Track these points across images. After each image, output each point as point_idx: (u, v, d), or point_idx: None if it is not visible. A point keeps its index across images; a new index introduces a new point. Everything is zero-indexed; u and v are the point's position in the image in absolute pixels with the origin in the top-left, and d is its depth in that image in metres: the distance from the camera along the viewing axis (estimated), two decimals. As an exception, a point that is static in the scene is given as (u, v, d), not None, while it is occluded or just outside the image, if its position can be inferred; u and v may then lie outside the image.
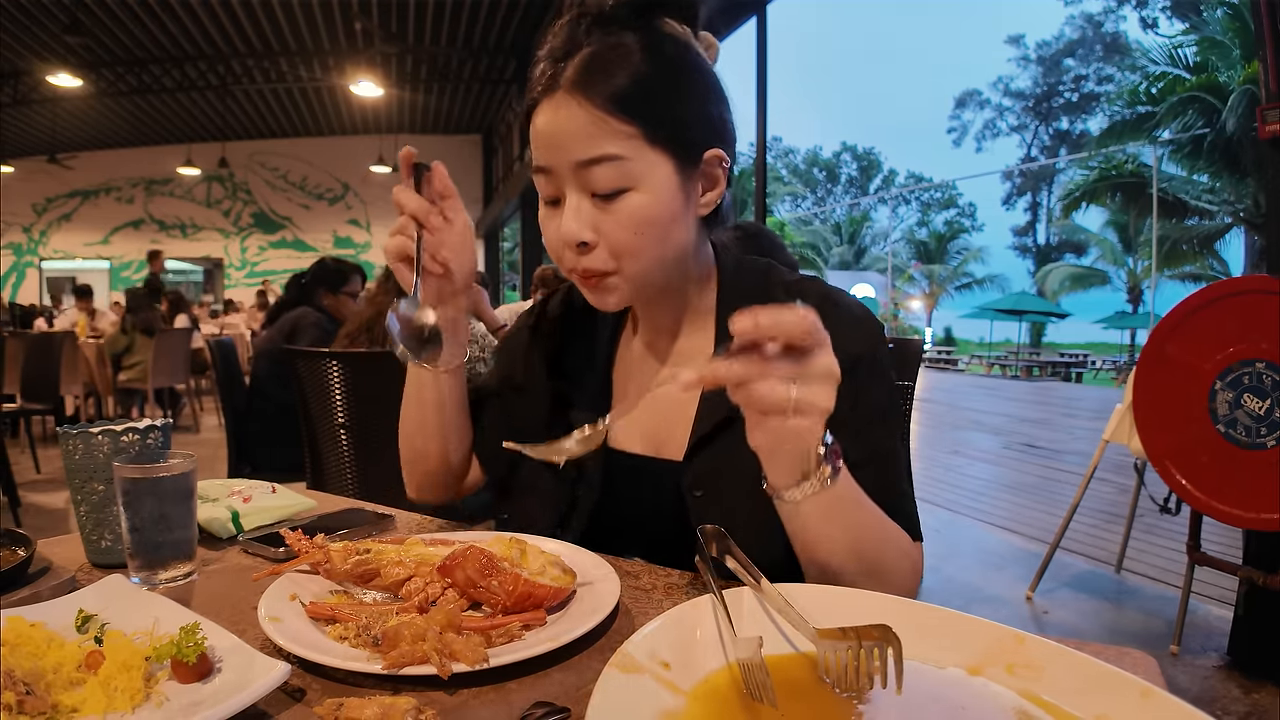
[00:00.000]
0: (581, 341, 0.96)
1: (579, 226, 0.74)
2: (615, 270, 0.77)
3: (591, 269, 0.76)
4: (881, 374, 0.81)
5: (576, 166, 0.73)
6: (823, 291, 0.85)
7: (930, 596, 3.15)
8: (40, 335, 5.56)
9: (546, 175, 0.76)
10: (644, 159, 0.73)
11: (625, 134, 0.72)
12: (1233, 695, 2.25)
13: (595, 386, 0.92)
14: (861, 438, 0.77)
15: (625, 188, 0.73)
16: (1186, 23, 21.83)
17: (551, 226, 0.77)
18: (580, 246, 0.75)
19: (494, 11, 9.74)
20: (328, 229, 16.44)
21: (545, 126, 0.75)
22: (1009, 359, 22.61)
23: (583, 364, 0.94)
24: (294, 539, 0.70)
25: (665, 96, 0.74)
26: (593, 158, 0.72)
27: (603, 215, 0.74)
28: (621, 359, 0.95)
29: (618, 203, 0.74)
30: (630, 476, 0.88)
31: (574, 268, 0.78)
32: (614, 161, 0.72)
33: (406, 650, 0.54)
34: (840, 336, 0.74)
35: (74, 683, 0.51)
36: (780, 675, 0.52)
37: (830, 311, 0.79)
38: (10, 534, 0.79)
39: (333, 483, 2.42)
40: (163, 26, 9.83)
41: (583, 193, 0.75)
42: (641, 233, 0.74)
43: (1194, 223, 17.91)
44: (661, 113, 0.73)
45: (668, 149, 0.74)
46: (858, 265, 34.63)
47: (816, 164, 53.20)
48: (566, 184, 0.75)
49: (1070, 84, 43.31)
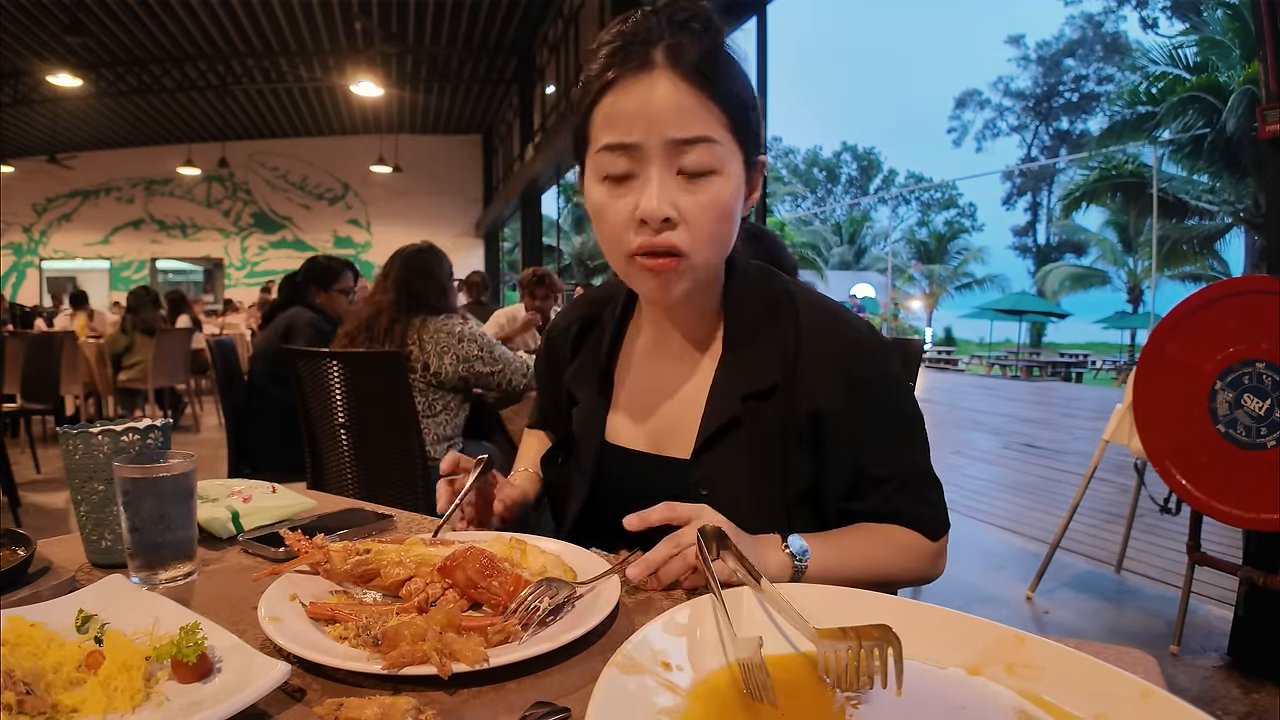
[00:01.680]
0: (586, 352, 0.99)
1: (664, 203, 0.74)
2: (689, 254, 0.77)
3: (671, 244, 0.76)
4: (889, 392, 0.84)
5: (673, 143, 0.74)
6: (819, 304, 0.87)
7: (930, 596, 3.16)
8: (40, 335, 5.56)
9: (629, 151, 0.75)
10: (729, 146, 0.76)
11: (719, 121, 0.75)
12: (1233, 695, 2.25)
13: (595, 383, 0.95)
14: (881, 458, 0.83)
15: (713, 170, 0.75)
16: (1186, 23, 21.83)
17: (619, 205, 0.76)
18: (665, 222, 0.75)
19: (494, 11, 9.75)
20: (328, 229, 16.45)
21: (637, 100, 0.75)
22: (1009, 359, 22.58)
23: (585, 367, 0.97)
24: (294, 539, 0.70)
25: (743, 94, 0.77)
26: (693, 136, 0.74)
27: (687, 196, 0.75)
28: (623, 359, 0.96)
29: (703, 185, 0.75)
30: (635, 473, 0.90)
31: (643, 247, 0.77)
32: (709, 144, 0.74)
33: (406, 650, 0.53)
34: (841, 358, 0.83)
35: (74, 683, 0.51)
36: (780, 675, 0.52)
37: (828, 332, 0.84)
38: (10, 534, 0.79)
39: (333, 483, 2.42)
40: (163, 26, 9.84)
41: (669, 169, 0.75)
42: (720, 219, 0.76)
43: (1194, 223, 17.89)
44: (741, 108, 0.77)
45: (742, 143, 0.77)
46: (858, 265, 34.60)
47: (816, 164, 53.17)
48: (653, 161, 0.75)
49: (1070, 84, 43.28)
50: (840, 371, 0.82)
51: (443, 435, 2.40)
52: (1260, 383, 2.14)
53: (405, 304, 2.39)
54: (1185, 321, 2.31)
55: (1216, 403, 2.22)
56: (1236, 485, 2.19)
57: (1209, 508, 2.27)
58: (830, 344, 0.83)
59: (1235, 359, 2.19)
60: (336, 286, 3.30)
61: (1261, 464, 2.13)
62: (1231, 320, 2.21)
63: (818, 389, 0.81)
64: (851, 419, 0.81)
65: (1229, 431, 2.20)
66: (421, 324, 2.37)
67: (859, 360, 0.82)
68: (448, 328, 2.34)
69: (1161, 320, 2.40)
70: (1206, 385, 2.24)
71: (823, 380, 0.82)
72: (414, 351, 2.34)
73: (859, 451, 0.82)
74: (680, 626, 0.56)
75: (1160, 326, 2.39)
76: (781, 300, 0.87)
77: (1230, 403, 2.20)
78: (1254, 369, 2.15)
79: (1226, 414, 2.21)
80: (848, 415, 0.81)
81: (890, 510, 0.82)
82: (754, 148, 0.80)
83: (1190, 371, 2.28)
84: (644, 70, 0.74)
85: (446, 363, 2.32)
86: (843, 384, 0.81)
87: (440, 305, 2.43)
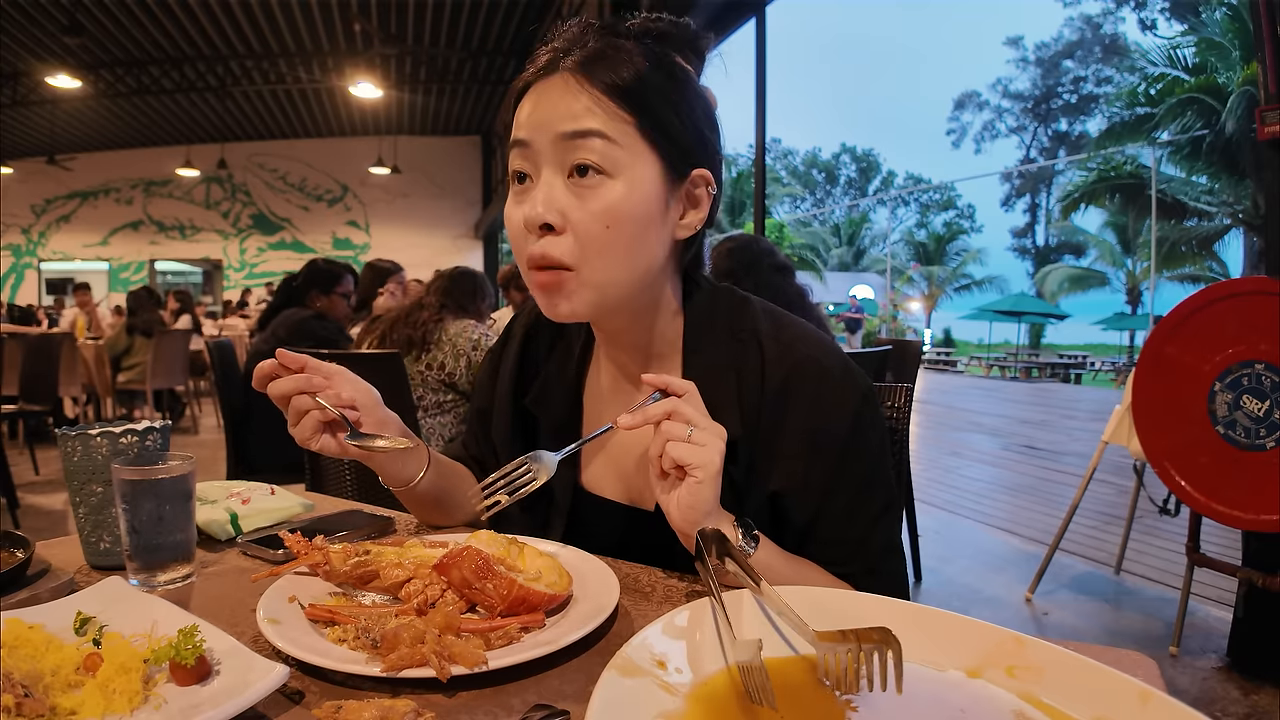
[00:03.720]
0: (548, 365, 0.92)
1: (546, 207, 0.70)
2: (574, 267, 0.71)
3: (550, 256, 0.71)
4: (858, 455, 0.77)
5: (560, 138, 0.70)
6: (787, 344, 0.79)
7: (929, 599, 3.16)
8: (39, 336, 5.56)
9: (524, 149, 0.73)
10: (631, 148, 0.71)
11: (619, 118, 0.71)
12: (1232, 697, 2.25)
13: (564, 415, 0.90)
14: (840, 524, 0.78)
15: (605, 171, 0.70)
16: (1185, 24, 21.83)
17: (515, 212, 0.73)
18: (544, 229, 0.71)
19: (494, 12, 9.73)
20: (327, 230, 16.43)
21: (536, 102, 0.73)
22: (1008, 360, 22.60)
23: (551, 392, 0.91)
24: (293, 541, 0.70)
25: (663, 97, 0.73)
26: (580, 130, 0.69)
27: (574, 201, 0.70)
28: (591, 389, 0.91)
29: (593, 189, 0.70)
30: (606, 522, 0.87)
31: (533, 256, 0.72)
32: (600, 139, 0.70)
33: (405, 653, 0.53)
34: (807, 420, 0.77)
35: (72, 685, 0.51)
36: (780, 678, 0.52)
37: (797, 391, 0.77)
38: (9, 535, 0.79)
39: (332, 484, 2.41)
40: (162, 28, 9.82)
41: (558, 171, 0.71)
42: (613, 226, 0.70)
43: (1193, 224, 17.92)
44: (657, 110, 0.72)
45: (657, 147, 0.72)
46: (857, 266, 34.62)
47: (815, 165, 53.23)
48: (544, 160, 0.72)
49: (1069, 85, 43.37)
50: (808, 442, 0.76)
51: (446, 436, 2.42)
52: (1259, 384, 2.14)
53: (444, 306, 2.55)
54: (1184, 323, 2.31)
55: (1216, 404, 2.23)
56: (1236, 486, 2.20)
57: (1208, 509, 2.27)
58: (801, 406, 0.76)
59: (1234, 360, 2.19)
60: (338, 290, 3.33)
61: (1261, 465, 2.14)
62: (1230, 321, 2.22)
63: (778, 468, 0.76)
64: (812, 489, 0.76)
65: (1228, 433, 2.20)
66: (449, 323, 2.48)
67: (829, 421, 0.76)
68: (467, 332, 2.43)
69: (1160, 321, 2.40)
70: (1205, 386, 2.24)
71: (788, 454, 0.76)
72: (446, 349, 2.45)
73: (813, 517, 0.77)
74: (679, 629, 0.56)
75: (1159, 328, 2.39)
76: (746, 338, 0.80)
77: (1229, 404, 2.20)
78: (1253, 370, 2.16)
79: (1225, 415, 2.21)
80: (808, 486, 0.76)
81: (841, 574, 0.77)
82: (682, 156, 0.74)
83: (1189, 373, 2.28)
84: (549, 73, 0.73)
85: (462, 365, 2.43)
86: (808, 455, 0.75)
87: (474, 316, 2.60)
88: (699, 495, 0.67)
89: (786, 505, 0.78)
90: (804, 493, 0.77)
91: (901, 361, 3.96)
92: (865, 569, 0.78)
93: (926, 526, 3.96)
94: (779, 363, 0.78)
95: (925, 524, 3.95)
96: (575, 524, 0.88)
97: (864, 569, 0.78)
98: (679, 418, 0.68)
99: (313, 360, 0.79)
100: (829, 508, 0.77)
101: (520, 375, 0.94)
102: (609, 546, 0.81)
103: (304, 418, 0.78)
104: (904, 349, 4.26)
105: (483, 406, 0.99)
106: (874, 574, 0.78)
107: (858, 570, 0.78)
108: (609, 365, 0.88)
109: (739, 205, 28.64)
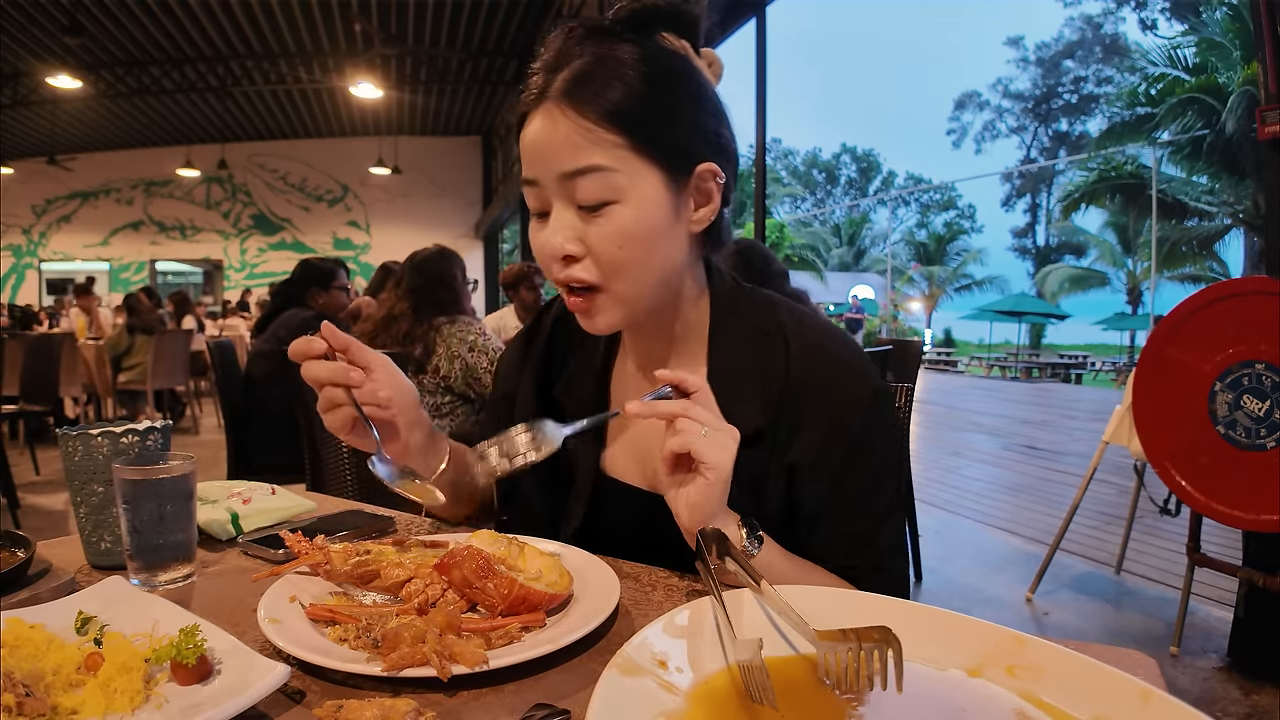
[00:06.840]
0: (578, 355, 0.94)
1: (563, 239, 0.73)
2: (602, 286, 0.75)
3: (578, 279, 0.75)
4: (874, 444, 0.80)
5: (561, 178, 0.72)
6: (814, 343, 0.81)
7: (930, 598, 3.16)
8: (40, 336, 5.57)
9: (533, 188, 0.75)
10: (630, 170, 0.72)
11: (612, 144, 0.71)
12: (1233, 697, 2.25)
13: (591, 403, 0.90)
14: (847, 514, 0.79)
15: (610, 200, 0.72)
16: (1186, 24, 21.85)
17: (539, 240, 0.76)
18: (565, 260, 0.75)
19: (494, 12, 9.73)
20: (327, 230, 16.44)
21: (532, 138, 0.74)
22: (1008, 360, 22.58)
23: (579, 381, 0.92)
24: (294, 540, 0.70)
25: (656, 106, 0.73)
26: (577, 169, 0.71)
27: (588, 228, 0.73)
28: (618, 377, 0.93)
29: (603, 216, 0.72)
30: (625, 505, 0.87)
31: (562, 281, 0.76)
32: (599, 173, 0.71)
33: (406, 652, 0.53)
34: (830, 408, 0.79)
35: (73, 684, 0.51)
36: (780, 677, 0.52)
37: (822, 383, 0.79)
38: (10, 535, 0.79)
39: (332, 484, 2.41)
40: (162, 28, 9.83)
41: (568, 204, 0.73)
42: (627, 247, 0.73)
43: (1193, 224, 17.92)
44: (651, 122, 0.72)
45: (656, 159, 0.73)
46: (857, 266, 34.62)
47: (816, 165, 53.22)
48: (553, 196, 0.74)
49: (1070, 85, 43.35)
50: (826, 425, 0.78)
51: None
52: (1260, 384, 2.14)
53: (421, 309, 2.47)
54: (1185, 323, 2.31)
55: (1216, 404, 2.23)
56: (1236, 486, 2.20)
57: (1208, 509, 2.27)
58: (822, 395, 0.79)
59: (1234, 360, 2.19)
60: (335, 284, 3.35)
61: (1261, 465, 2.14)
62: (1231, 321, 2.22)
63: (798, 441, 0.79)
64: (825, 469, 0.78)
65: (1228, 433, 2.20)
66: (441, 326, 2.45)
67: (848, 413, 0.79)
68: (462, 335, 2.42)
69: (1161, 321, 2.41)
70: (1206, 386, 2.24)
71: (806, 433, 0.79)
72: (440, 352, 2.42)
73: (824, 504, 0.79)
74: (680, 628, 0.56)
75: (1160, 328, 2.39)
76: (772, 331, 0.83)
77: (1230, 404, 2.20)
78: (1253, 370, 2.16)
79: (1226, 415, 2.21)
80: (821, 464, 0.78)
81: (842, 568, 0.79)
82: (684, 159, 0.74)
83: (1190, 373, 2.28)
84: (540, 103, 0.73)
85: (456, 368, 2.41)
86: (825, 436, 0.78)
87: (455, 307, 2.52)
88: (708, 495, 0.68)
89: (800, 489, 0.79)
90: (817, 470, 0.78)
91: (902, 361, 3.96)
92: (874, 566, 0.79)
93: (927, 526, 3.96)
94: (803, 355, 0.80)
95: (925, 524, 3.95)
96: (596, 507, 0.88)
97: (873, 566, 0.79)
98: (693, 418, 0.68)
99: (356, 343, 0.78)
100: (839, 497, 0.79)
101: (547, 366, 0.95)
102: (629, 530, 0.82)
103: (334, 410, 0.77)
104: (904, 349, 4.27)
105: (508, 393, 0.99)
106: (882, 572, 0.79)
107: (866, 567, 0.79)
108: (635, 353, 0.90)
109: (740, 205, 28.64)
